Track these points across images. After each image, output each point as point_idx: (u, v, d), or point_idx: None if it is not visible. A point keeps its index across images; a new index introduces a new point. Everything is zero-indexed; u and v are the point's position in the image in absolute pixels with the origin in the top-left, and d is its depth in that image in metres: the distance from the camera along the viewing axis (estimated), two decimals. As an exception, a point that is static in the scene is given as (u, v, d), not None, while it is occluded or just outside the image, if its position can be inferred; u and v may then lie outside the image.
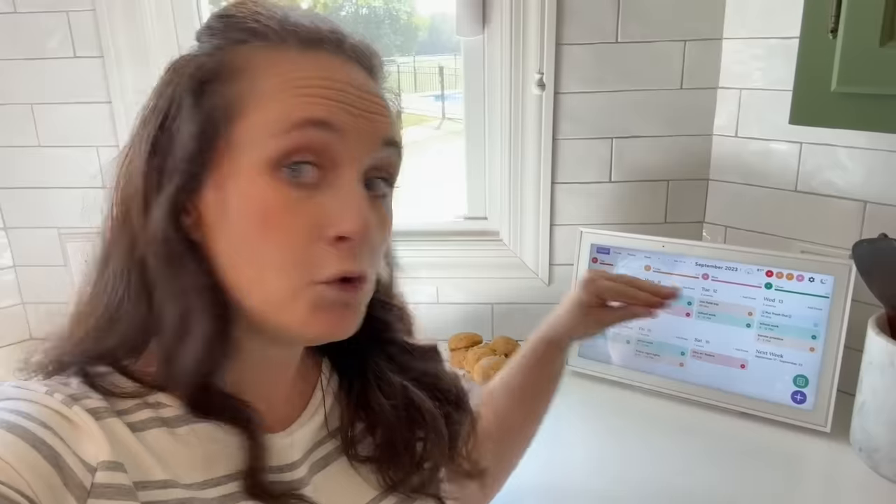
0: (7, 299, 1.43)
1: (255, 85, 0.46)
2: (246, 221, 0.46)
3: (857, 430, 0.99)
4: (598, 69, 1.24)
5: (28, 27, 1.29)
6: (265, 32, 0.48)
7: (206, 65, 0.48)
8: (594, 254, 1.24)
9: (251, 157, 0.46)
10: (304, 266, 0.46)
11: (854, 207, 1.10)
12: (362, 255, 0.47)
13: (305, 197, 0.46)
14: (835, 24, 0.75)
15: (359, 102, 0.47)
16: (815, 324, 1.05)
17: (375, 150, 0.48)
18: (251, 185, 0.46)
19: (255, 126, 0.46)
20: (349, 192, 0.46)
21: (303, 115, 0.45)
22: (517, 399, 0.80)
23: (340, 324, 0.48)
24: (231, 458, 0.50)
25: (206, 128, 0.46)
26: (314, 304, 0.46)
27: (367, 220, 0.46)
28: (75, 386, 0.47)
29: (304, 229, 0.46)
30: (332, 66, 0.48)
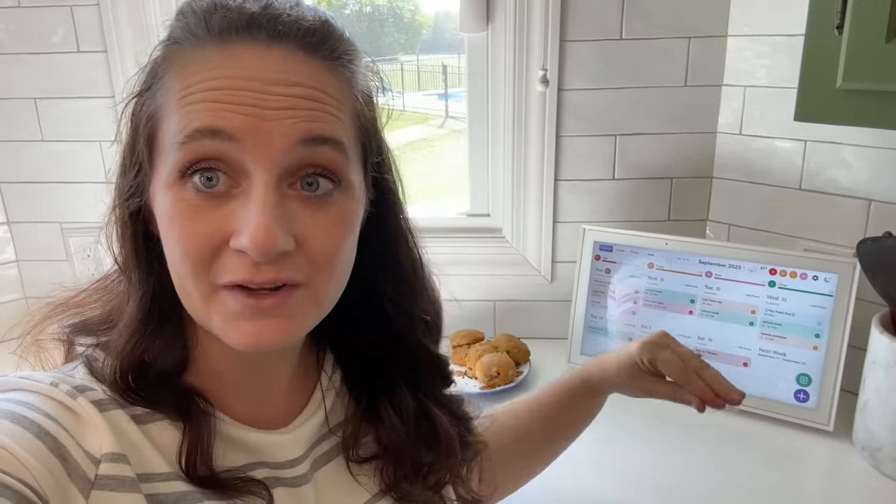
0: (9, 294, 1.43)
1: (167, 94, 0.45)
2: (164, 232, 0.46)
3: (859, 430, 0.99)
4: (602, 66, 1.24)
5: (32, 21, 1.29)
6: (184, 33, 0.46)
7: (146, 69, 0.48)
8: (597, 251, 1.24)
9: (164, 168, 0.45)
10: (212, 271, 0.45)
11: (858, 205, 1.10)
12: (281, 264, 0.44)
13: (215, 205, 0.44)
14: (840, 20, 0.75)
15: (263, 100, 0.43)
16: (819, 322, 1.05)
17: (290, 150, 0.43)
18: (165, 196, 0.45)
19: (166, 137, 0.45)
20: (252, 202, 0.43)
21: (194, 126, 0.43)
22: (541, 426, 0.77)
23: (263, 334, 0.45)
24: (231, 454, 0.50)
25: (134, 140, 0.48)
26: (227, 311, 0.45)
27: (265, 232, 0.42)
28: (80, 377, 0.48)
29: (207, 237, 0.44)
30: (243, 59, 0.43)
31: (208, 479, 0.47)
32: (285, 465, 0.53)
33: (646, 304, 1.18)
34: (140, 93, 0.48)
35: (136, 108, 0.48)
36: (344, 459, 0.57)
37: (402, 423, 0.58)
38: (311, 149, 0.44)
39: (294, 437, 0.54)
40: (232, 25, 0.44)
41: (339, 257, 0.47)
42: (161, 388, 0.49)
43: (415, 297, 0.58)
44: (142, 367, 0.48)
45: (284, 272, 0.44)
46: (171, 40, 0.47)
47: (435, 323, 0.61)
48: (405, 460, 0.58)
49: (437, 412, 0.61)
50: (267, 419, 0.54)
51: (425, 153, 2.32)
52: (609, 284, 1.23)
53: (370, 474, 0.58)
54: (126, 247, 0.49)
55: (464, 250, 1.37)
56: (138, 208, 0.49)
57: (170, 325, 0.50)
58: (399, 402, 0.59)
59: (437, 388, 0.63)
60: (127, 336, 0.48)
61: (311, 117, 0.44)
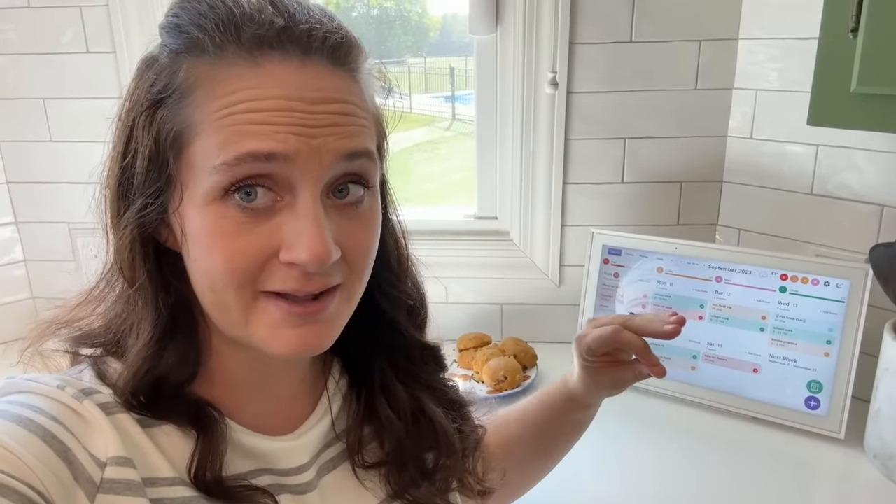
0: (17, 293, 1.43)
1: (198, 110, 0.44)
2: (201, 247, 0.45)
3: (871, 437, 0.97)
4: (612, 69, 1.23)
5: (41, 22, 1.29)
6: (205, 44, 0.44)
7: (157, 82, 0.45)
8: (605, 255, 1.23)
9: (199, 186, 0.44)
10: (257, 281, 0.45)
11: (871, 211, 1.09)
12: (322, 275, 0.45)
13: (260, 220, 0.44)
14: (855, 23, 0.74)
15: (310, 119, 0.43)
16: (830, 329, 1.03)
17: (334, 165, 0.45)
18: (202, 214, 0.44)
19: (201, 155, 0.44)
20: (304, 216, 0.44)
21: (245, 149, 0.42)
22: (533, 440, 0.75)
23: (307, 341, 0.46)
24: (236, 460, 0.50)
25: (157, 157, 0.45)
26: (270, 319, 0.46)
27: (321, 246, 0.43)
28: (88, 380, 0.48)
29: (255, 253, 0.44)
30: (280, 76, 0.43)
31: (214, 487, 0.47)
32: (291, 472, 0.53)
33: (655, 309, 1.17)
34: (157, 103, 0.45)
35: (153, 119, 0.45)
36: (350, 465, 0.57)
37: (399, 421, 0.58)
38: (349, 162, 0.46)
39: (300, 443, 0.54)
40: (264, 41, 0.44)
41: (372, 257, 0.50)
42: (174, 401, 0.48)
43: (399, 282, 0.59)
44: (156, 383, 0.47)
45: (329, 279, 0.46)
46: (188, 51, 0.45)
47: (418, 309, 0.62)
48: (408, 463, 0.58)
49: (432, 408, 0.60)
50: (274, 425, 0.53)
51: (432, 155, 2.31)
52: (617, 288, 1.22)
53: (376, 480, 0.58)
54: (139, 263, 0.47)
55: (471, 253, 1.37)
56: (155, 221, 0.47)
57: (184, 338, 0.49)
58: (394, 399, 0.59)
59: (432, 373, 0.63)
60: (143, 357, 0.47)
61: (351, 132, 0.46)
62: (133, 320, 0.48)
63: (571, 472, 0.97)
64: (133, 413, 0.47)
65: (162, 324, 0.48)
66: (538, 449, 0.76)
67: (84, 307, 0.52)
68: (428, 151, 2.38)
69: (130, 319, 0.49)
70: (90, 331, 0.51)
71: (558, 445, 0.77)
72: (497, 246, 1.37)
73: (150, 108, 0.45)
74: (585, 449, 1.03)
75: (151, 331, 0.47)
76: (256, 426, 0.52)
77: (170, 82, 0.45)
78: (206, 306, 0.47)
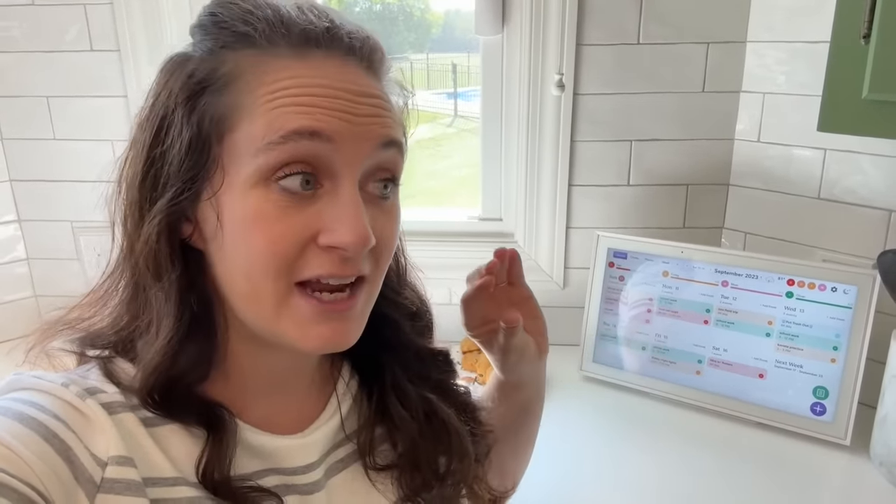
0: (20, 292, 1.43)
1: (245, 96, 0.45)
2: (240, 233, 0.45)
3: (877, 444, 0.97)
4: (619, 71, 1.23)
5: (45, 20, 1.29)
6: (254, 37, 0.46)
7: (196, 73, 0.46)
8: (611, 258, 1.22)
9: (243, 170, 0.45)
10: (294, 269, 0.46)
11: (878, 216, 1.08)
12: (358, 260, 0.47)
13: (301, 206, 0.45)
14: (868, 29, 0.73)
15: (353, 107, 0.46)
16: (837, 334, 1.03)
17: (373, 153, 0.47)
18: (244, 198, 0.45)
19: (246, 139, 0.45)
20: (346, 201, 0.45)
21: (292, 127, 0.44)
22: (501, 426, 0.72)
23: (335, 337, 0.48)
24: (243, 459, 0.50)
25: (198, 143, 0.46)
26: (301, 315, 0.46)
27: (364, 231, 0.45)
28: (93, 378, 0.48)
29: (297, 236, 0.45)
30: (325, 69, 0.46)
31: (221, 487, 0.47)
32: (298, 471, 0.52)
33: (660, 313, 1.17)
34: (194, 94, 0.46)
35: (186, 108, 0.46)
36: (361, 466, 0.57)
37: (412, 421, 0.58)
38: (385, 152, 0.48)
39: (308, 441, 0.54)
40: (311, 37, 0.46)
41: (392, 251, 0.52)
42: (186, 400, 0.48)
43: (400, 288, 0.61)
44: (170, 381, 0.47)
45: (362, 266, 0.48)
46: (234, 45, 0.46)
47: (422, 313, 0.63)
48: (421, 465, 0.58)
49: (445, 410, 0.60)
50: (282, 424, 0.53)
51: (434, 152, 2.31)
52: (622, 292, 1.22)
53: (388, 483, 0.57)
54: (165, 260, 0.47)
55: (476, 255, 1.35)
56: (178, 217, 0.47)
57: (204, 339, 0.49)
58: (406, 399, 0.59)
59: (443, 375, 0.63)
60: (162, 354, 0.47)
61: (386, 123, 0.48)
62: (150, 318, 0.48)
63: (574, 476, 0.97)
64: (146, 411, 0.47)
65: (186, 321, 0.47)
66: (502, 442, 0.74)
67: (88, 308, 0.52)
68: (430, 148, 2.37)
69: (147, 317, 0.48)
70: (96, 331, 0.51)
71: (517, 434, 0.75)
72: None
73: (191, 97, 0.46)
74: (589, 453, 1.03)
75: (173, 328, 0.47)
76: (265, 425, 0.52)
77: (211, 73, 0.46)
78: (238, 298, 0.47)
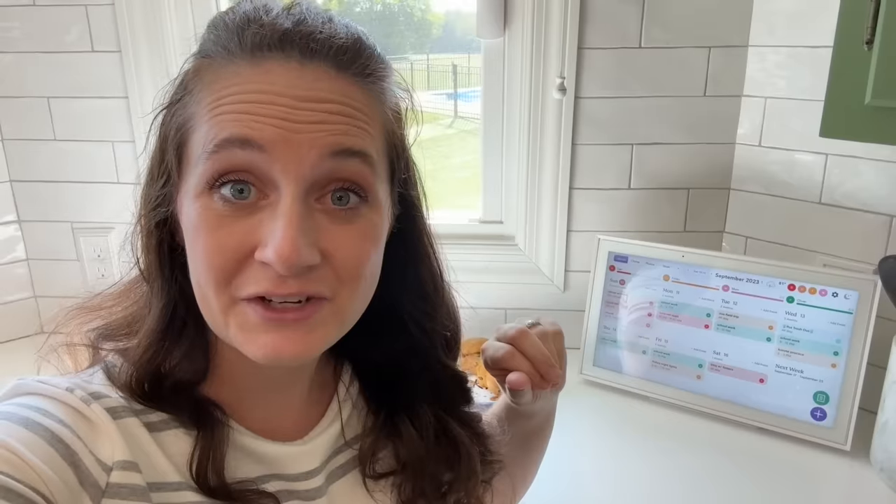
0: (19, 292, 1.43)
1: (197, 105, 0.45)
2: (190, 241, 0.46)
3: (878, 450, 0.97)
4: (620, 74, 1.23)
5: (46, 20, 1.29)
6: (212, 45, 0.46)
7: (177, 79, 0.48)
8: (611, 262, 1.22)
9: (191, 179, 0.45)
10: (234, 283, 0.44)
11: (880, 221, 1.08)
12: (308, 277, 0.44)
13: (241, 216, 0.44)
14: (871, 35, 0.73)
15: (292, 114, 0.43)
16: (838, 340, 1.03)
17: (319, 163, 0.43)
18: (192, 206, 0.45)
19: (194, 148, 0.45)
20: (280, 214, 0.42)
21: (223, 135, 0.43)
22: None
23: (283, 347, 0.44)
24: (245, 465, 0.50)
25: (164, 152, 0.48)
26: (246, 324, 0.44)
27: (291, 246, 0.41)
28: (98, 383, 0.48)
29: (232, 248, 0.43)
30: (276, 74, 0.43)
31: (219, 490, 0.47)
32: (300, 478, 0.52)
33: (661, 317, 1.17)
34: (170, 104, 0.48)
35: (165, 118, 0.48)
36: (360, 474, 0.56)
37: (421, 440, 0.58)
38: (340, 162, 0.44)
39: (309, 448, 0.54)
40: (264, 42, 0.44)
41: (365, 271, 0.47)
42: (177, 396, 0.48)
43: (435, 313, 0.58)
44: (159, 376, 0.48)
45: (310, 285, 0.44)
46: (202, 53, 0.47)
47: (454, 338, 0.61)
48: (423, 477, 0.57)
49: (458, 430, 0.60)
50: (283, 431, 0.53)
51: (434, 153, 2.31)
52: (623, 295, 1.21)
53: (386, 490, 0.57)
54: (150, 256, 0.49)
55: (476, 257, 1.36)
56: (164, 218, 0.48)
57: (190, 335, 0.49)
58: (418, 419, 0.58)
59: (457, 405, 0.62)
60: (146, 345, 0.48)
61: (341, 131, 0.44)
62: (144, 313, 0.50)
63: (574, 480, 0.97)
64: (142, 416, 0.47)
65: (167, 316, 0.48)
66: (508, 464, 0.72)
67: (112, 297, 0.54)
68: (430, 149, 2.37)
69: (143, 312, 0.50)
70: (111, 322, 0.52)
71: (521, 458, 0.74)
72: (502, 250, 1.37)
73: (167, 107, 0.48)
74: (589, 456, 1.03)
75: (156, 322, 0.48)
76: (265, 431, 0.52)
77: (181, 84, 0.48)
78: (198, 302, 0.47)
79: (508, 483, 0.68)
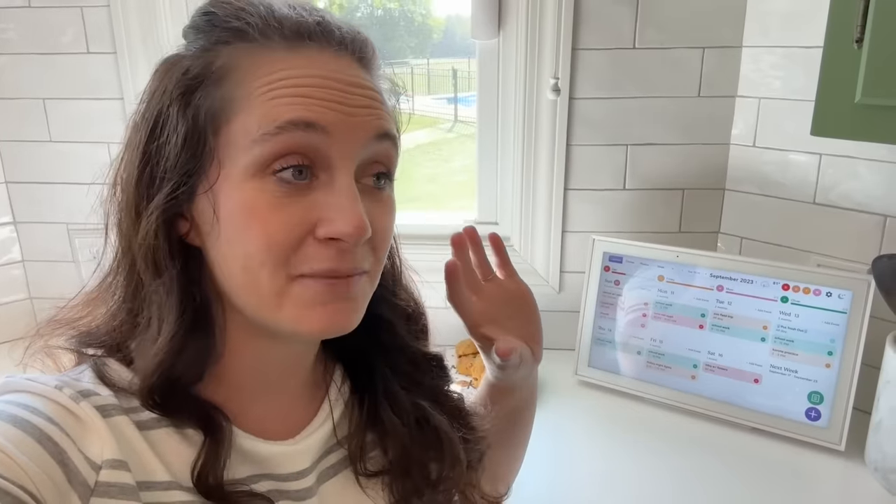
0: (14, 294, 1.43)
1: (240, 89, 0.45)
2: (236, 225, 0.45)
3: (872, 450, 0.97)
4: (615, 75, 1.23)
5: (42, 22, 1.29)
6: (248, 32, 0.46)
7: (191, 69, 0.47)
8: (606, 262, 1.22)
9: (239, 162, 0.45)
10: (291, 262, 0.45)
11: (874, 221, 1.08)
12: (356, 253, 0.47)
13: (298, 197, 0.45)
14: (860, 34, 0.73)
15: (348, 98, 0.46)
16: (832, 339, 1.03)
17: (368, 145, 0.47)
18: (241, 190, 0.45)
19: (241, 131, 0.45)
20: (343, 192, 0.46)
21: (287, 118, 0.44)
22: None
23: (336, 318, 0.47)
24: (236, 464, 0.50)
25: (194, 136, 0.46)
26: (302, 299, 0.46)
27: (361, 220, 0.45)
28: (87, 380, 0.47)
29: (294, 227, 0.45)
30: (319, 62, 0.46)
31: (215, 491, 0.47)
32: (291, 478, 0.52)
33: (655, 318, 1.17)
34: (189, 90, 0.46)
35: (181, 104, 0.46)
36: (352, 473, 0.57)
37: (404, 427, 0.58)
38: (379, 144, 0.48)
39: (301, 448, 0.54)
40: (304, 30, 0.47)
41: (389, 244, 0.52)
42: (185, 401, 0.48)
43: (395, 288, 0.61)
44: (171, 381, 0.47)
45: (360, 261, 0.48)
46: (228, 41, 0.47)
47: (417, 315, 0.62)
48: (412, 471, 0.57)
49: (437, 417, 0.60)
50: (275, 430, 0.53)
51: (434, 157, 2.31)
52: (618, 296, 1.21)
53: (378, 489, 0.57)
54: (164, 257, 0.46)
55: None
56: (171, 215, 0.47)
57: (204, 338, 0.49)
58: (398, 405, 0.59)
59: (436, 382, 0.63)
60: (165, 352, 0.46)
61: (380, 115, 0.49)
62: (150, 316, 0.47)
63: (569, 481, 0.97)
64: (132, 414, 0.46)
65: (188, 319, 0.47)
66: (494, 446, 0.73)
67: (82, 307, 0.52)
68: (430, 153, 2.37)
69: (147, 316, 0.48)
70: (90, 331, 0.51)
71: (509, 438, 0.75)
72: (497, 251, 1.36)
73: (185, 92, 0.46)
74: (584, 457, 1.03)
75: (176, 325, 0.46)
76: (257, 430, 0.52)
77: (205, 68, 0.46)
78: (235, 290, 0.47)
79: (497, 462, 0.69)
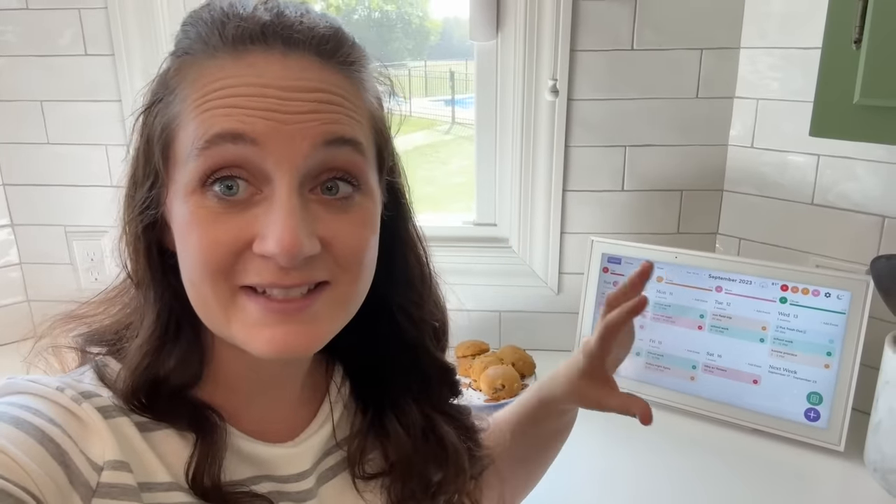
0: (12, 296, 1.42)
1: (183, 103, 0.45)
2: (182, 240, 0.45)
3: (871, 450, 0.97)
4: (613, 76, 1.23)
5: (40, 24, 1.29)
6: (192, 42, 0.45)
7: (153, 85, 0.48)
8: (605, 263, 1.22)
9: (182, 178, 0.44)
10: (234, 273, 0.44)
11: (872, 222, 1.08)
12: (300, 269, 0.44)
13: (236, 212, 0.43)
14: (859, 34, 0.73)
15: (282, 105, 0.43)
16: (831, 340, 1.03)
17: (312, 153, 0.43)
18: (184, 205, 0.44)
19: (183, 146, 0.44)
20: (277, 206, 0.42)
21: (214, 131, 0.42)
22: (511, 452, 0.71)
23: (289, 340, 0.44)
24: (236, 466, 0.50)
25: (149, 153, 0.46)
26: (251, 317, 0.44)
27: (292, 238, 0.41)
28: (88, 382, 0.47)
29: (229, 243, 0.43)
30: (260, 67, 0.43)
31: (212, 492, 0.47)
32: (291, 479, 0.52)
33: (654, 319, 1.17)
34: (152, 104, 0.47)
35: (147, 119, 0.47)
36: (350, 475, 0.56)
37: (408, 438, 0.57)
38: (332, 151, 0.44)
39: (301, 450, 0.53)
40: (246, 34, 0.44)
41: (364, 257, 0.47)
42: (174, 403, 0.48)
43: (423, 302, 0.58)
44: (155, 383, 0.47)
45: (312, 273, 0.44)
46: (181, 51, 0.46)
47: (443, 329, 0.61)
48: (412, 477, 0.57)
49: (445, 428, 0.60)
50: (274, 432, 0.53)
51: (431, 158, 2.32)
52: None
53: (376, 491, 0.57)
54: (140, 262, 0.48)
55: (470, 260, 1.36)
56: (152, 223, 0.47)
57: (186, 340, 0.49)
58: (405, 417, 0.58)
59: (445, 398, 0.62)
60: (142, 353, 0.47)
61: (332, 119, 0.44)
62: (135, 319, 0.49)
63: (567, 482, 0.97)
64: (133, 415, 0.47)
65: (163, 322, 0.47)
66: (522, 463, 0.74)
67: (98, 305, 0.53)
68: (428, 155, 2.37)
69: (133, 318, 0.49)
70: (99, 329, 0.52)
71: (539, 458, 0.75)
72: (496, 253, 1.37)
73: (147, 108, 0.47)
74: (581, 459, 1.02)
75: (151, 328, 0.47)
76: (257, 432, 0.52)
77: (160, 84, 0.47)
78: (192, 303, 0.47)
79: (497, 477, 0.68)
